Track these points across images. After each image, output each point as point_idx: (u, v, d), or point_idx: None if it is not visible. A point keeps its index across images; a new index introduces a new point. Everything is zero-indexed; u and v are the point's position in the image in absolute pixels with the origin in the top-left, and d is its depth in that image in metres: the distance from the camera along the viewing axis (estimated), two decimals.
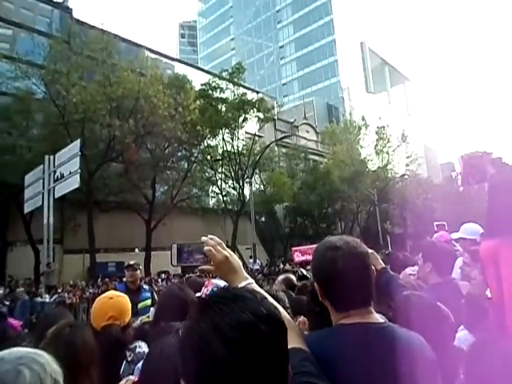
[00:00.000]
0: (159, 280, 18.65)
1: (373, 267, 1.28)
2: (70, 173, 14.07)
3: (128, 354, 1.87)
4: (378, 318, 1.19)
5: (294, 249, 17.81)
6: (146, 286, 4.98)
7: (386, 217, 35.46)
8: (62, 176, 14.46)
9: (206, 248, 1.26)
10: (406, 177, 37.61)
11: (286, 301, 2.66)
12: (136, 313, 3.61)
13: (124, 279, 5.26)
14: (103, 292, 10.67)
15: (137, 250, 27.30)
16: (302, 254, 16.34)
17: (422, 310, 1.62)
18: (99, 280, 17.49)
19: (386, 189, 34.69)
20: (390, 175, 36.06)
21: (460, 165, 2.62)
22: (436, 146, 73.73)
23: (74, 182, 14.03)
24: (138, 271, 4.81)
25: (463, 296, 2.41)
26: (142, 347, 1.99)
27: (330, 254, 1.23)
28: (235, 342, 0.67)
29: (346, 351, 1.08)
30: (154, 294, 4.80)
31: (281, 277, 3.90)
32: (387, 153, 35.38)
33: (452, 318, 1.76)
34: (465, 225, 3.78)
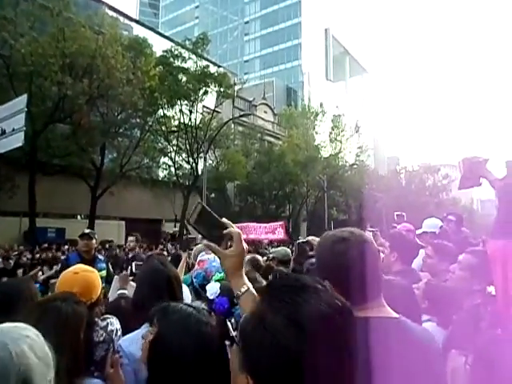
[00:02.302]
0: (102, 250, 18.10)
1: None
2: (14, 130, 12.89)
3: (100, 333, 1.76)
4: (391, 311, 1.20)
5: None
6: (101, 257, 4.77)
7: (332, 203, 36.70)
8: (4, 132, 13.23)
9: (236, 230, 1.20)
10: (355, 166, 38.98)
11: (264, 282, 2.68)
12: None
13: (65, 247, 5.03)
14: (43, 259, 10.09)
15: (79, 217, 26.23)
16: None
17: (402, 293, 1.68)
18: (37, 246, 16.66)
19: (335, 176, 35.81)
20: (340, 163, 37.18)
21: (460, 167, 2.73)
22: (385, 139, 76.57)
23: (17, 140, 12.88)
24: (94, 240, 4.57)
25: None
26: (114, 324, 1.89)
27: (339, 247, 1.22)
28: (314, 334, 0.64)
29: (370, 345, 1.07)
30: (109, 265, 4.62)
31: (247, 257, 3.91)
32: (340, 141, 36.37)
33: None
34: (426, 220, 4.01)
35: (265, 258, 4.99)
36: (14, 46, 16.15)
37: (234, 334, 1.34)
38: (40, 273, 6.91)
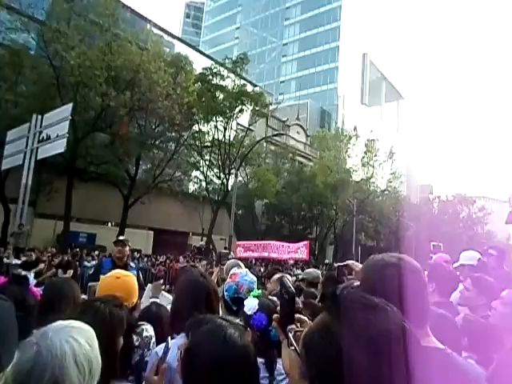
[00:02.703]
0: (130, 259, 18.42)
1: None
2: (58, 136, 13.65)
3: (135, 338, 1.78)
4: (437, 342, 1.17)
5: (237, 243, 16.95)
6: (132, 264, 4.83)
7: (361, 228, 36.00)
8: (49, 138, 14.02)
9: None
10: (386, 192, 38.26)
11: (299, 303, 2.65)
12: None
13: (95, 252, 5.12)
14: (58, 262, 10.19)
15: (110, 224, 26.88)
16: (244, 250, 15.57)
17: (445, 325, 1.63)
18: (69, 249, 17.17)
19: (365, 201, 35.22)
20: (371, 188, 36.59)
21: (510, 201, 2.65)
22: (418, 166, 75.07)
23: (60, 146, 13.62)
24: (127, 247, 4.65)
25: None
26: (149, 331, 1.91)
27: (390, 272, 1.19)
28: (380, 349, 0.66)
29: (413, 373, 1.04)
30: (140, 272, 4.68)
31: (276, 276, 3.89)
32: (373, 166, 35.86)
33: None
34: (464, 252, 3.86)
35: (293, 278, 4.93)
36: (64, 57, 17.05)
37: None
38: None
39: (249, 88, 26.42)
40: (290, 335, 1.06)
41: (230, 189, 25.73)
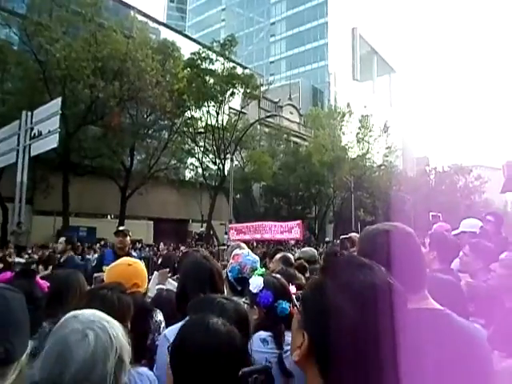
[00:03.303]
0: (132, 249, 18.52)
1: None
2: (49, 131, 13.51)
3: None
4: (435, 303, 1.19)
5: (230, 226, 16.70)
6: (134, 253, 4.87)
7: (359, 204, 36.15)
8: (40, 134, 13.87)
9: None
10: (382, 167, 38.31)
11: (303, 278, 2.70)
12: None
13: (96, 245, 5.14)
14: (39, 257, 9.99)
15: (109, 216, 26.89)
16: (237, 232, 15.24)
17: (451, 290, 1.66)
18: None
19: (362, 177, 35.30)
20: (367, 164, 36.62)
21: (504, 170, 2.66)
22: (413, 139, 75.12)
23: (52, 142, 13.49)
24: (128, 237, 4.68)
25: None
26: (158, 315, 1.95)
27: (382, 239, 1.21)
28: (366, 300, 0.73)
29: (414, 336, 1.06)
30: (142, 261, 4.71)
31: (278, 255, 3.94)
32: (368, 142, 35.81)
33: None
34: (464, 220, 3.90)
35: (295, 256, 4.97)
36: (49, 50, 16.75)
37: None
38: None
39: (239, 70, 26.11)
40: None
41: (226, 174, 25.69)
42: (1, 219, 18.53)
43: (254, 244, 20.95)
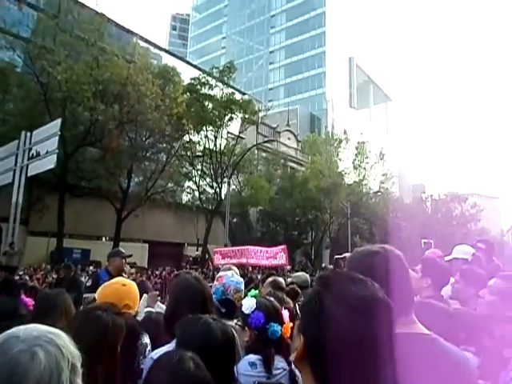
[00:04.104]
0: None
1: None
2: (47, 152, 13.54)
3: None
4: (423, 328, 1.19)
5: (215, 250, 16.27)
6: (125, 275, 4.84)
7: (355, 230, 36.10)
8: (38, 154, 13.90)
9: None
10: (379, 193, 38.47)
11: (291, 302, 2.67)
12: None
13: (89, 267, 5.09)
14: (64, 275, 9.93)
15: (104, 238, 26.68)
16: (222, 256, 14.74)
17: (443, 317, 1.66)
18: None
19: (359, 203, 35.38)
20: (364, 190, 36.78)
21: None
22: (410, 166, 75.83)
23: (49, 162, 13.52)
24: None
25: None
26: (145, 338, 1.92)
27: (370, 260, 1.22)
28: (358, 310, 0.79)
29: (399, 360, 1.05)
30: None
31: (269, 279, 3.91)
32: (364, 168, 36.07)
33: None
34: (457, 246, 3.90)
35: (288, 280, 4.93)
36: (51, 73, 17.03)
37: None
38: None
39: (237, 96, 26.56)
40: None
41: (223, 197, 25.72)
42: None
43: (250, 269, 20.76)
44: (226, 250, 15.32)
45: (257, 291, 2.14)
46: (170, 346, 1.69)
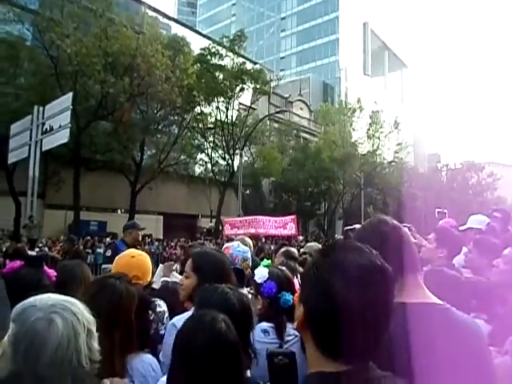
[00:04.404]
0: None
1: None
2: (60, 126, 13.66)
3: (149, 313, 1.86)
4: (432, 296, 1.19)
5: (225, 220, 16.33)
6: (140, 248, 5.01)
7: (369, 201, 35.97)
8: (52, 129, 14.04)
9: None
10: (393, 163, 37.99)
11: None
12: None
13: (120, 238, 5.21)
14: (84, 245, 10.43)
15: (119, 211, 27.16)
16: (231, 227, 14.75)
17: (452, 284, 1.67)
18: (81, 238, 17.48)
19: (372, 173, 35.06)
20: (378, 160, 36.35)
21: None
22: (425, 135, 74.31)
23: (63, 136, 13.66)
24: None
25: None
26: (162, 306, 1.99)
27: (383, 227, 1.25)
28: (354, 278, 0.80)
29: (411, 330, 1.06)
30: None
31: (282, 249, 3.95)
32: (378, 138, 35.53)
33: None
34: (472, 216, 3.86)
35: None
36: (60, 46, 16.90)
37: None
38: None
39: (248, 66, 26.09)
40: None
41: (235, 169, 25.74)
42: (14, 213, 18.83)
43: (263, 239, 21.00)
44: (234, 221, 15.34)
45: (269, 261, 2.18)
46: (189, 314, 1.75)
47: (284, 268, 2.18)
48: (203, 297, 1.51)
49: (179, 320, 1.77)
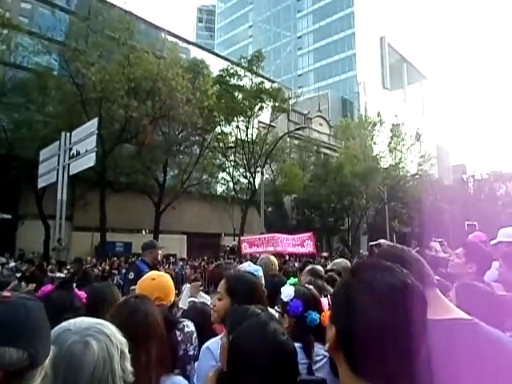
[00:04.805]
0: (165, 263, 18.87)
1: None
2: (86, 151, 14.12)
3: (178, 333, 1.87)
4: (455, 308, 1.18)
5: (242, 239, 16.32)
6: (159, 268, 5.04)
7: (393, 215, 35.31)
8: (78, 153, 14.51)
9: None
10: (417, 176, 37.31)
11: (331, 290, 2.68)
12: None
13: (139, 258, 5.25)
14: (111, 266, 10.65)
15: (144, 231, 27.54)
16: (250, 245, 14.75)
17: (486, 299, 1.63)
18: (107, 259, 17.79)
19: (396, 187, 34.51)
20: (401, 173, 35.81)
21: None
22: (449, 146, 72.91)
23: (89, 160, 14.08)
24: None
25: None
26: (190, 327, 2.00)
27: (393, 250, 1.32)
28: (385, 298, 0.80)
29: (436, 347, 1.04)
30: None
31: (307, 268, 3.92)
32: (400, 151, 35.07)
33: None
34: (502, 229, 3.75)
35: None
36: (85, 74, 17.61)
37: None
38: None
39: (267, 85, 26.44)
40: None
41: (257, 187, 25.83)
42: (43, 236, 19.39)
43: (287, 257, 20.81)
44: (252, 239, 15.27)
45: (296, 279, 2.17)
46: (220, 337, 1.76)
47: (311, 286, 2.16)
48: (234, 319, 1.52)
49: (213, 344, 1.78)
